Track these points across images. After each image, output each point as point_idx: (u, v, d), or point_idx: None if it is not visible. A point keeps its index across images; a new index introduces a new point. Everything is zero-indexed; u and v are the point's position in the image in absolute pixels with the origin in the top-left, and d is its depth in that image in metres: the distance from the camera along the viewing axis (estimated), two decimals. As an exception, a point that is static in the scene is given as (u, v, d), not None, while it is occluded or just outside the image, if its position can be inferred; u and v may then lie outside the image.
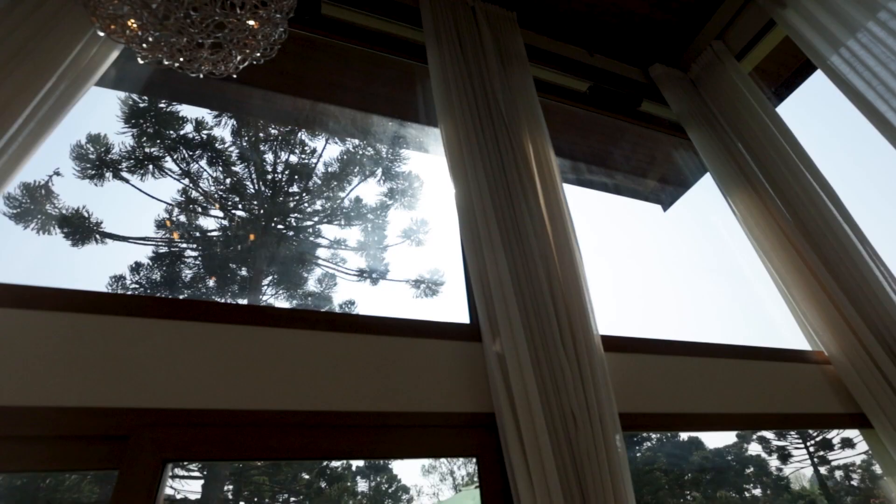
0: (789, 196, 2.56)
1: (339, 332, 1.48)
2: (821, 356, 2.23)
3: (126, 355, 1.24)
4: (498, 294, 1.54)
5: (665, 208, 3.88)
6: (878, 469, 1.99)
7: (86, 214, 5.35)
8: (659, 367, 1.84)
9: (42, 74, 1.55)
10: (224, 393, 1.26)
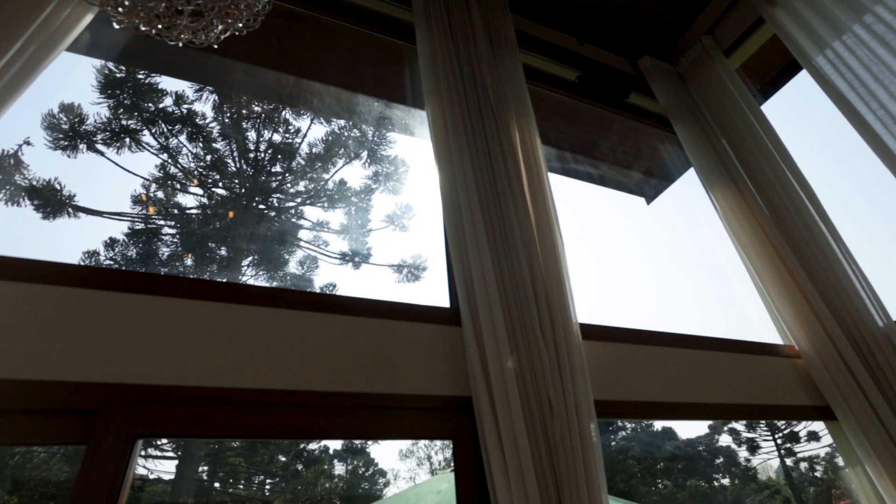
0: (769, 193, 2.60)
1: (317, 313, 1.46)
2: (792, 350, 2.29)
3: (97, 329, 1.21)
4: (479, 279, 1.54)
5: (649, 201, 3.91)
6: (840, 461, 2.09)
7: (58, 187, 5.17)
8: (635, 357, 1.86)
9: (9, 36, 1.47)
10: (198, 370, 1.24)
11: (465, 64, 2.22)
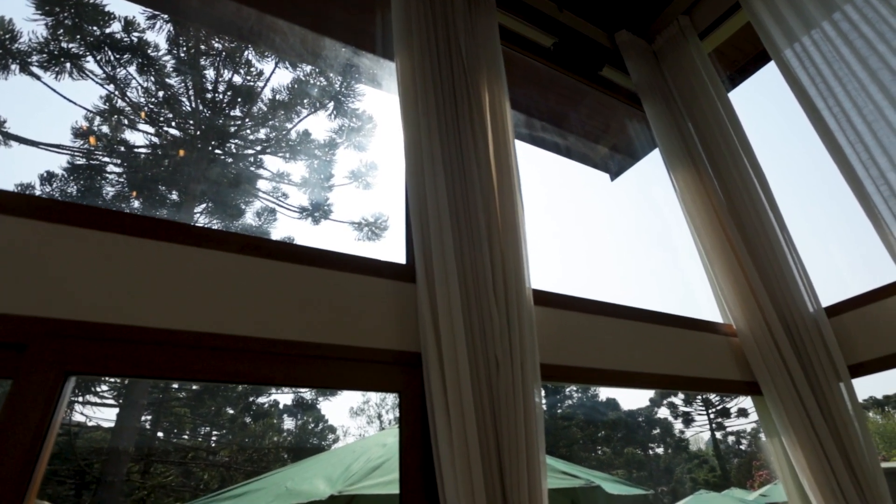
0: (726, 179, 2.67)
1: (268, 260, 1.41)
2: (730, 329, 2.41)
3: (30, 261, 1.12)
4: (436, 237, 1.52)
5: (613, 178, 3.97)
6: (763, 436, 2.25)
7: (-15, 109, 4.70)
8: (584, 325, 1.91)
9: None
10: (138, 309, 1.19)
11: (440, 17, 2.13)
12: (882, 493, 1.88)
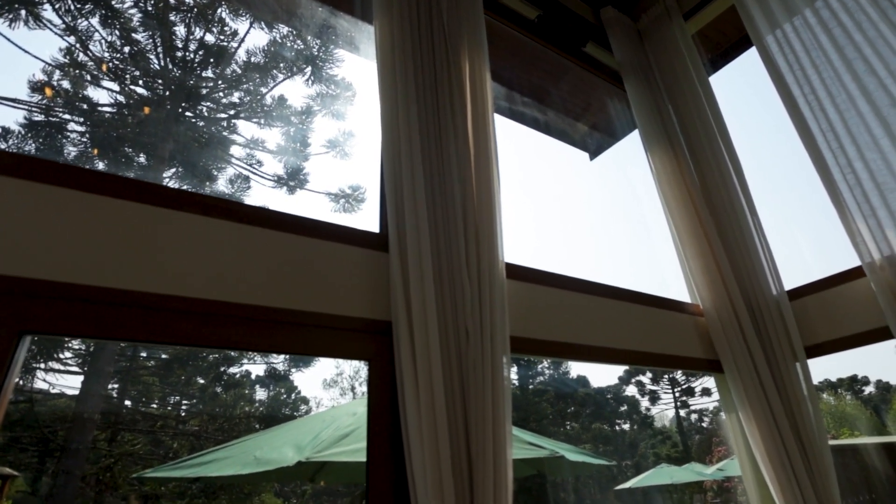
0: (702, 162, 2.70)
1: (236, 223, 1.36)
2: (696, 308, 2.47)
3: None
4: (410, 207, 1.50)
5: (592, 157, 3.97)
6: (723, 414, 2.34)
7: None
8: (555, 300, 1.93)
9: None
10: (99, 269, 1.14)
11: (423, -21, 2.05)
12: (827, 467, 1.98)
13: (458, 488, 1.22)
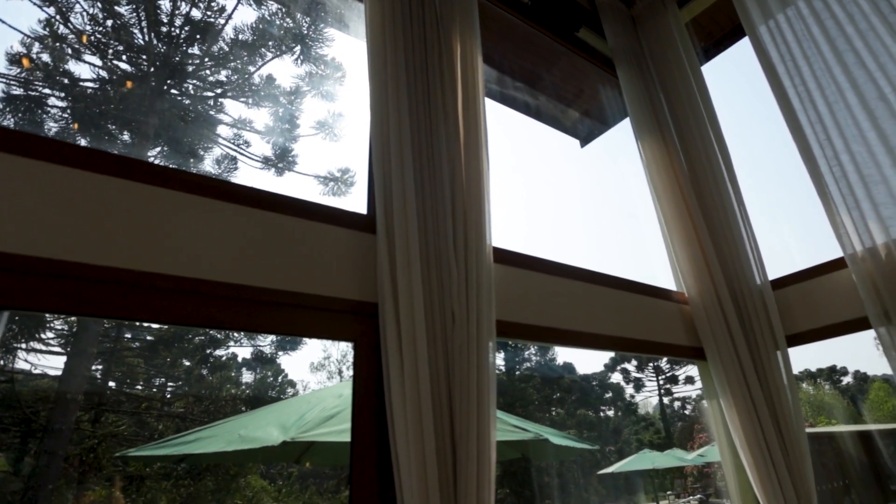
0: (691, 151, 2.70)
1: (221, 201, 1.34)
2: (682, 296, 2.50)
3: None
4: (398, 189, 1.48)
5: (583, 144, 3.97)
6: (705, 402, 2.39)
7: None
8: (542, 285, 1.93)
9: None
10: (80, 245, 1.11)
11: (415, -44, 2.00)
12: (803, 452, 2.03)
13: (441, 469, 1.23)
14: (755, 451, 2.04)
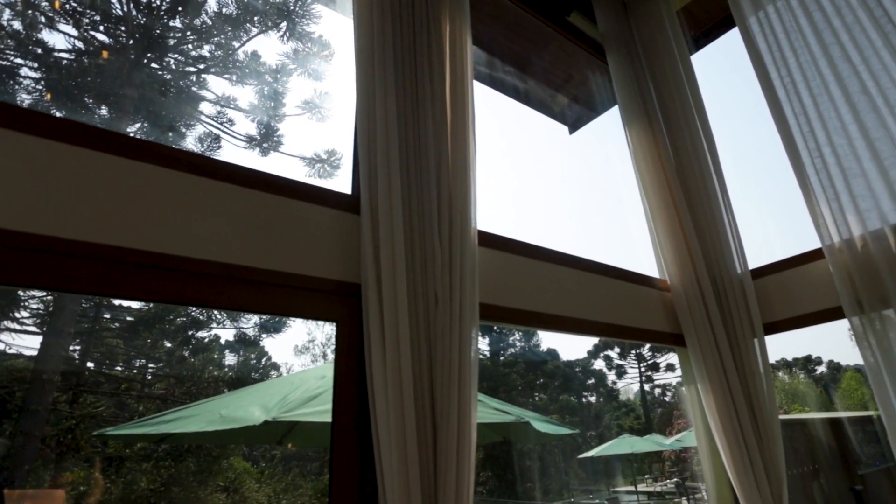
0: (678, 140, 2.71)
1: (203, 177, 1.31)
2: (664, 284, 2.52)
3: None
4: (383, 169, 1.46)
5: (571, 131, 3.96)
6: (684, 388, 2.44)
7: None
8: (526, 269, 1.94)
9: None
10: (55, 219, 1.07)
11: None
12: (776, 437, 2.09)
13: (421, 449, 1.23)
14: (730, 436, 2.09)
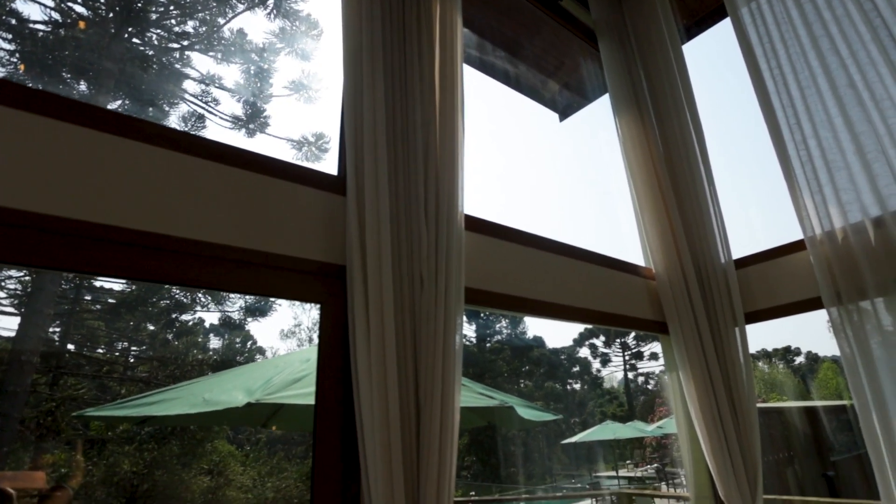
0: (667, 129, 2.71)
1: (186, 155, 1.27)
2: (649, 272, 2.54)
3: None
4: (370, 150, 1.43)
5: (562, 118, 3.94)
6: (667, 375, 2.48)
7: None
8: (513, 254, 1.93)
9: None
10: (31, 193, 1.04)
11: None
12: (753, 424, 2.13)
13: (405, 432, 1.23)
14: (709, 423, 2.13)
